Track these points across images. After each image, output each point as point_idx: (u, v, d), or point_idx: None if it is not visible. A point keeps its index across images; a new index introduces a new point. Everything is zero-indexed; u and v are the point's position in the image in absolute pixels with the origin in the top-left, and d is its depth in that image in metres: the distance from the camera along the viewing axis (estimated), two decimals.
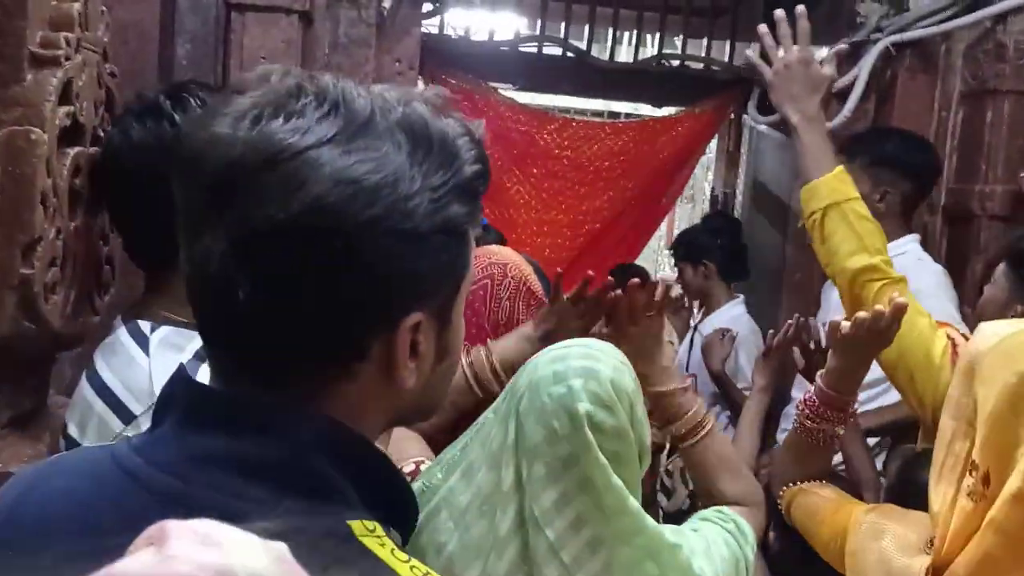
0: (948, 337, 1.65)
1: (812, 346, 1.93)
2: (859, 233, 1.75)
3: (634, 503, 1.14)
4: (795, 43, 1.87)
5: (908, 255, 2.38)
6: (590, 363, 1.13)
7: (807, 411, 1.47)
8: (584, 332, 1.46)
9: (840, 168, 1.82)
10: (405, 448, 1.37)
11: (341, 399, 0.66)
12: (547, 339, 1.44)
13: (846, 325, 1.42)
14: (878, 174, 2.34)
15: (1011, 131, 2.54)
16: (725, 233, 3.26)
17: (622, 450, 1.13)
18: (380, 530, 0.63)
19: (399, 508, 0.71)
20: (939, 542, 1.12)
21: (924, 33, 2.64)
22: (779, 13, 1.87)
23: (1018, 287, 1.58)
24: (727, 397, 2.87)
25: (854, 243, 1.75)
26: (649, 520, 1.17)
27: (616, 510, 1.13)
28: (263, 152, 0.60)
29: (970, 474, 1.10)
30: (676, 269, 3.45)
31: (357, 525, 0.62)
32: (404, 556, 0.63)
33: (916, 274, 1.98)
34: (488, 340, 1.50)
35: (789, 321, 2.03)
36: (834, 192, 1.79)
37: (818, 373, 1.50)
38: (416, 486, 1.26)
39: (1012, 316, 1.60)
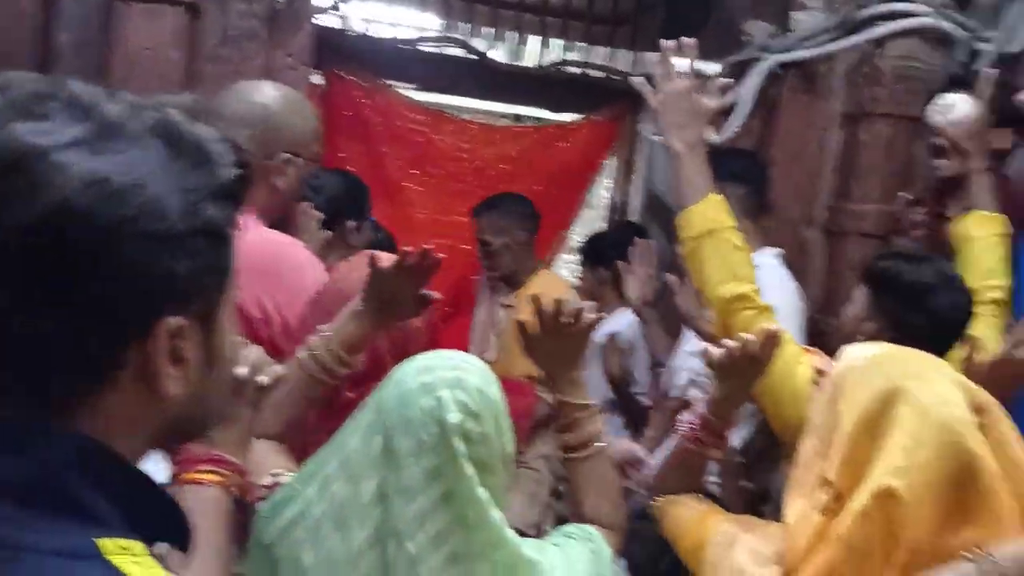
0: (813, 364, 1.71)
1: None
2: (731, 262, 1.81)
3: (496, 515, 1.16)
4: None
5: (763, 268, 2.47)
6: (458, 374, 1.16)
7: (689, 434, 1.50)
8: (415, 300, 1.48)
9: (717, 196, 1.86)
10: (264, 461, 1.35)
11: (101, 412, 0.64)
12: (380, 311, 1.44)
13: (715, 351, 1.46)
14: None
15: (886, 153, 2.64)
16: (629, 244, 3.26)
17: (488, 458, 1.15)
18: (139, 548, 0.63)
19: (168, 525, 0.69)
20: (790, 554, 1.16)
21: (807, 54, 2.73)
22: (666, 43, 1.91)
23: (873, 306, 1.66)
24: (624, 402, 2.91)
25: (725, 271, 1.80)
26: (509, 533, 1.18)
27: (477, 523, 1.14)
28: (6, 153, 0.59)
29: (823, 490, 1.14)
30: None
31: (108, 544, 0.61)
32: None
33: (771, 292, 2.03)
34: (379, 343, 1.49)
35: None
36: (709, 220, 1.83)
37: (702, 399, 1.54)
38: (276, 499, 1.25)
39: (866, 332, 1.67)
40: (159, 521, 0.68)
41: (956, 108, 2.12)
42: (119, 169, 0.61)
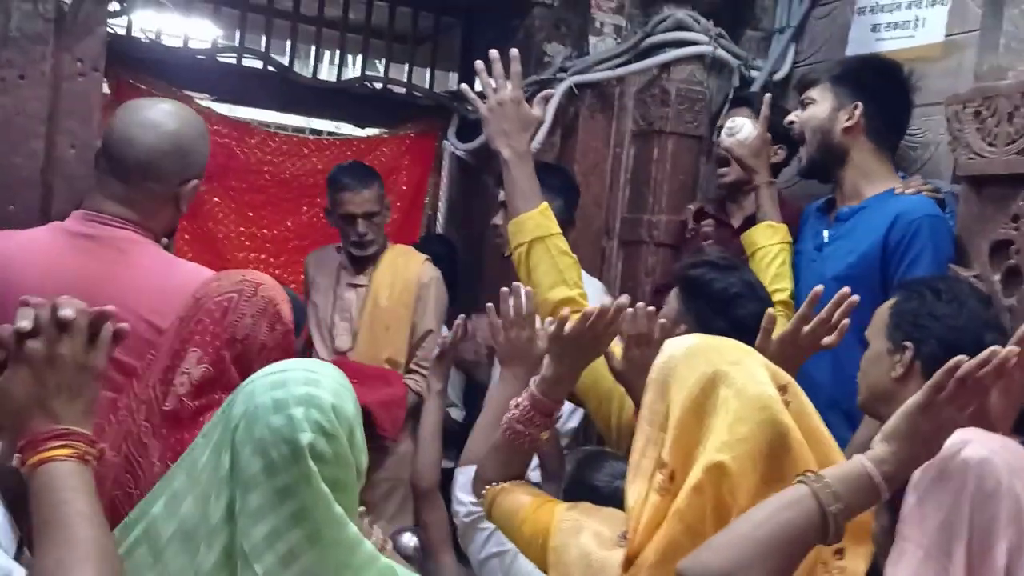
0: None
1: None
2: (560, 267, 1.91)
3: (353, 530, 1.14)
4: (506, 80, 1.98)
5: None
6: (311, 389, 1.12)
7: (518, 414, 1.56)
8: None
9: (545, 204, 1.96)
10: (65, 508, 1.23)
11: None
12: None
13: (568, 327, 1.55)
14: None
15: (674, 168, 2.88)
16: (443, 260, 3.27)
17: (343, 476, 1.13)
18: None
19: None
20: (632, 534, 1.24)
21: (601, 76, 2.92)
22: (494, 53, 1.99)
23: (683, 309, 1.79)
24: None
25: (555, 276, 1.90)
26: (368, 546, 1.17)
27: (333, 540, 1.11)
28: None
29: (660, 471, 1.23)
30: None
31: None
32: None
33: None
34: (223, 352, 1.43)
35: (457, 322, 2.18)
36: (538, 227, 1.93)
37: (532, 379, 1.60)
38: (127, 519, 1.17)
39: (679, 334, 1.81)
40: None
41: (743, 130, 2.37)
42: None
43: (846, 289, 1.63)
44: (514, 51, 2.02)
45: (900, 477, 1.18)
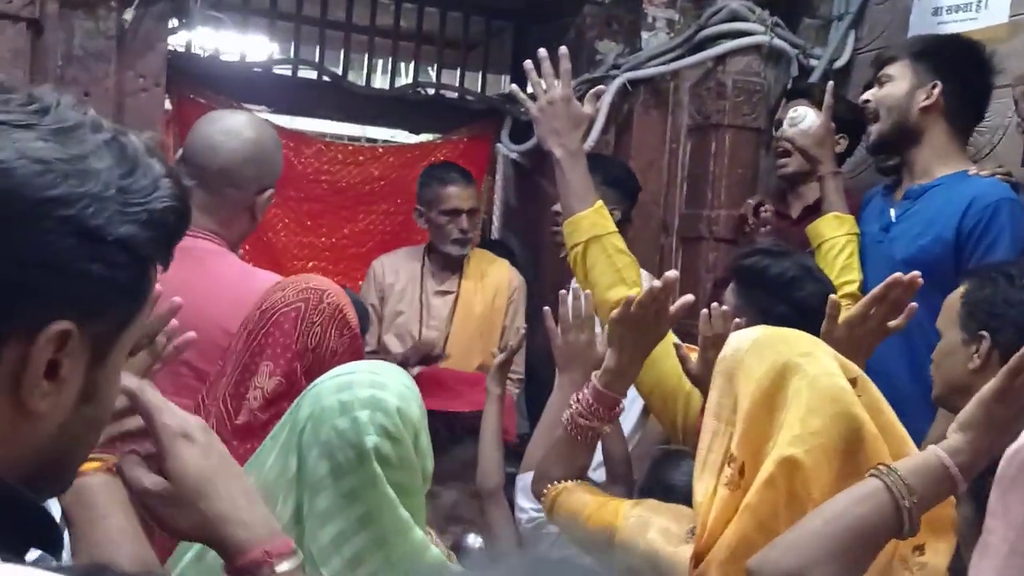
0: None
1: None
2: (617, 266, 1.86)
3: (419, 536, 1.14)
4: (558, 79, 1.95)
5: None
6: (376, 392, 1.12)
7: (580, 408, 1.54)
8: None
9: (600, 203, 1.92)
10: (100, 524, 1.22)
11: None
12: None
13: (634, 305, 1.52)
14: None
15: (732, 162, 2.83)
16: None
17: (408, 481, 1.13)
18: None
19: (41, 533, 0.66)
20: (700, 529, 1.22)
21: (655, 71, 2.89)
22: (542, 52, 1.97)
23: (742, 301, 1.76)
24: None
25: (612, 275, 1.86)
26: (434, 551, 1.17)
27: (399, 543, 1.11)
28: None
29: (729, 465, 1.21)
30: None
31: None
32: None
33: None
34: (294, 364, 1.45)
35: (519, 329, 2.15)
36: (594, 226, 1.88)
37: (593, 373, 1.57)
38: None
39: (735, 328, 1.77)
40: (27, 530, 0.64)
41: (805, 120, 2.31)
42: (62, 156, 0.61)
43: (915, 273, 1.58)
44: (563, 49, 1.99)
45: (976, 467, 1.13)
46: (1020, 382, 1.12)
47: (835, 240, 2.20)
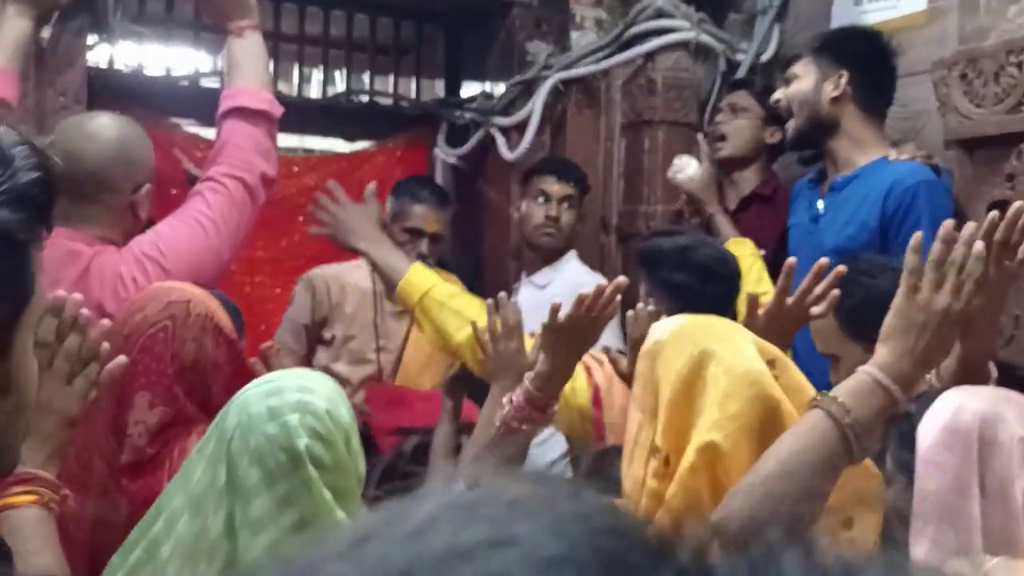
0: (584, 365, 1.84)
1: None
2: (455, 309, 1.96)
3: None
4: None
5: (576, 271, 2.70)
6: (305, 396, 1.10)
7: (512, 412, 1.55)
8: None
9: (416, 264, 2.09)
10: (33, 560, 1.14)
11: None
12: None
13: (562, 313, 1.56)
14: None
15: (666, 157, 2.85)
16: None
17: (342, 483, 1.11)
18: None
19: None
20: None
21: (586, 71, 2.91)
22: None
23: (651, 285, 1.79)
24: None
25: (455, 319, 1.95)
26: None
27: None
28: None
29: (654, 457, 1.22)
30: None
31: None
32: None
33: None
34: (174, 389, 1.38)
35: None
36: (419, 285, 2.01)
37: (525, 375, 1.59)
38: (124, 544, 1.16)
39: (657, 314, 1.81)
40: None
41: (688, 168, 2.53)
42: None
43: (840, 268, 1.62)
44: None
45: (908, 374, 1.16)
46: (924, 283, 1.15)
47: (742, 260, 2.27)
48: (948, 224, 1.19)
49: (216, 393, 1.44)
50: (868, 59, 2.22)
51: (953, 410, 1.22)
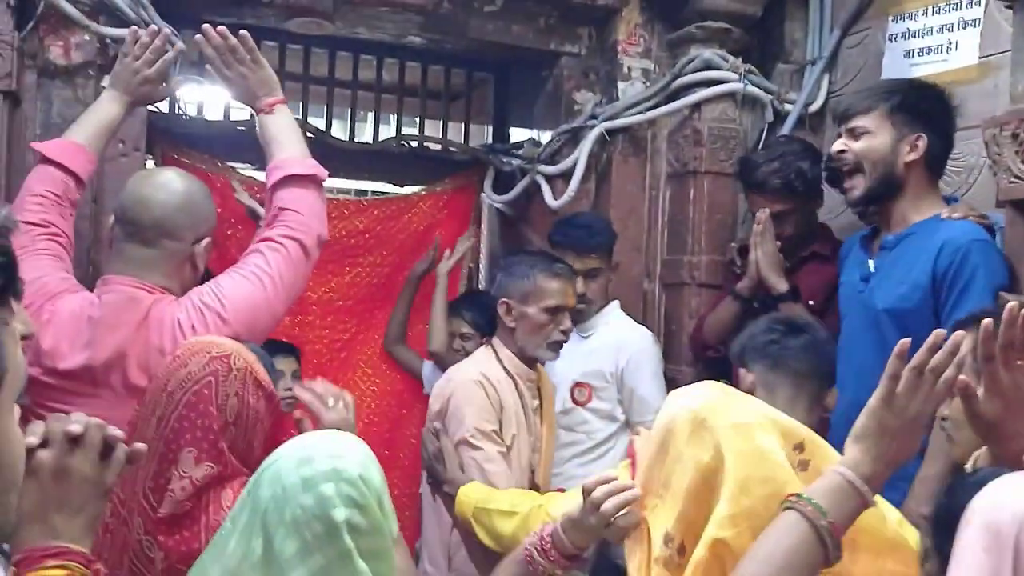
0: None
1: None
2: (504, 509, 1.88)
3: None
4: None
5: (619, 323, 2.73)
6: (337, 463, 1.11)
7: (541, 548, 1.46)
8: None
9: (461, 489, 2.04)
10: None
11: None
12: None
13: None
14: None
15: (711, 207, 2.84)
16: (486, 314, 3.05)
17: (379, 545, 1.13)
18: None
19: None
20: None
21: (632, 120, 2.92)
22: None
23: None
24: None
25: (504, 522, 1.86)
26: None
27: None
28: None
29: (667, 545, 1.21)
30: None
31: None
32: None
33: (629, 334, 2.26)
34: (220, 444, 1.38)
35: None
36: (467, 501, 1.99)
37: (562, 514, 1.48)
38: None
39: None
40: None
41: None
42: None
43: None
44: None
45: (880, 476, 1.18)
46: (901, 388, 1.17)
47: None
48: (938, 333, 1.20)
49: (257, 446, 1.46)
50: (943, 122, 2.16)
51: (992, 507, 1.19)
